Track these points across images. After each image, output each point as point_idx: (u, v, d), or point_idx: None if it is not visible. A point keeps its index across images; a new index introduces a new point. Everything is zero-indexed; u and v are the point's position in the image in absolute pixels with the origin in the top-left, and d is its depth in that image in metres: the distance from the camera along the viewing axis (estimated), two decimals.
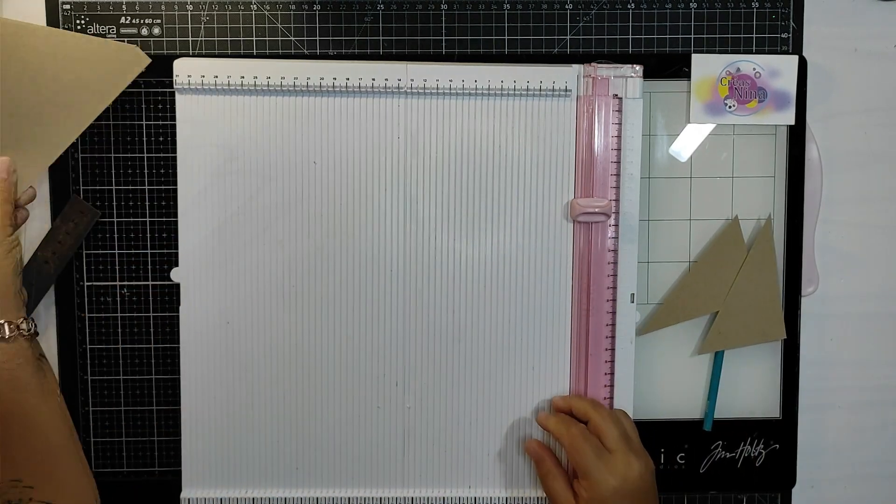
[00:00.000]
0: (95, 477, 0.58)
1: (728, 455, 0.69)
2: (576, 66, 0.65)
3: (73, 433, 0.59)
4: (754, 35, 0.67)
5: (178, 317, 0.66)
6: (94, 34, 0.65)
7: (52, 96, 0.62)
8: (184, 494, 0.67)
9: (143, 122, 0.66)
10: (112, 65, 0.63)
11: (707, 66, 0.66)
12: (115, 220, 0.66)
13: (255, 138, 0.65)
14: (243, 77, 0.64)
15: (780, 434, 0.68)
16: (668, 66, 0.66)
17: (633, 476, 0.60)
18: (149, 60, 0.63)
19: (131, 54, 0.63)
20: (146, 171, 0.66)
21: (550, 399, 0.67)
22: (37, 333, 0.59)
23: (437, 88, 0.64)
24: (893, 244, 0.70)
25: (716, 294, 0.67)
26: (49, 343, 0.67)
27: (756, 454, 0.69)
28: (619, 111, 0.65)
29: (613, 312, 0.66)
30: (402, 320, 0.66)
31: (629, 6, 0.67)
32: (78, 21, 0.65)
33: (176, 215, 0.66)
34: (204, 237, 0.65)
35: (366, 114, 0.65)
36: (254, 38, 0.66)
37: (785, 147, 0.67)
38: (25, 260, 0.66)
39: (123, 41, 0.65)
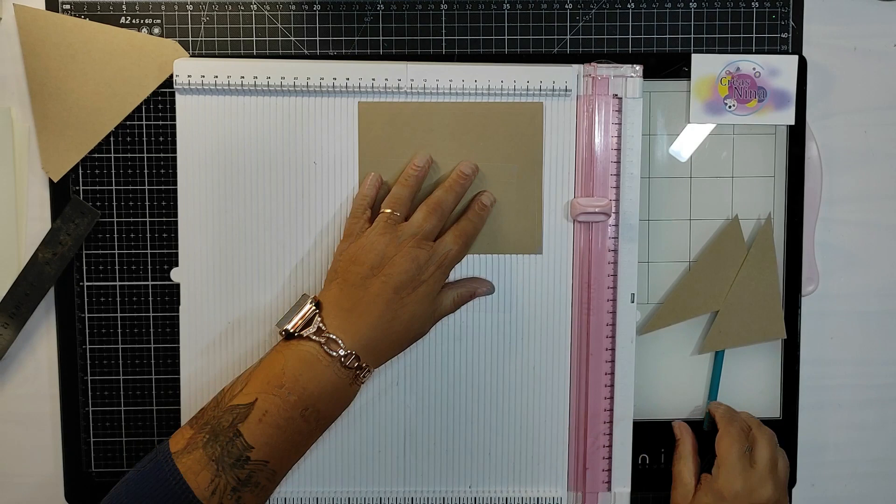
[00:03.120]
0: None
1: None
2: (576, 66, 0.65)
3: None
4: (754, 35, 0.67)
5: (178, 317, 0.66)
6: None
7: (93, 87, 0.64)
8: None
9: (143, 122, 0.66)
10: (151, 58, 0.65)
11: (707, 66, 0.66)
12: (115, 220, 0.66)
13: (255, 138, 0.65)
14: (243, 77, 0.64)
15: (780, 433, 0.68)
16: (667, 65, 0.66)
17: (759, 498, 0.60)
18: (187, 55, 0.65)
19: (170, 48, 0.65)
20: (146, 171, 0.66)
21: (553, 399, 0.67)
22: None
23: (437, 88, 0.64)
24: (893, 243, 0.70)
25: (716, 293, 0.67)
26: (49, 343, 0.67)
27: None
28: (619, 111, 0.65)
29: (613, 312, 0.66)
30: None
31: (629, 6, 0.67)
32: None
33: (176, 215, 0.66)
34: (204, 237, 0.65)
35: None
36: (254, 38, 0.66)
37: (785, 146, 0.67)
38: (25, 260, 0.66)
39: None
